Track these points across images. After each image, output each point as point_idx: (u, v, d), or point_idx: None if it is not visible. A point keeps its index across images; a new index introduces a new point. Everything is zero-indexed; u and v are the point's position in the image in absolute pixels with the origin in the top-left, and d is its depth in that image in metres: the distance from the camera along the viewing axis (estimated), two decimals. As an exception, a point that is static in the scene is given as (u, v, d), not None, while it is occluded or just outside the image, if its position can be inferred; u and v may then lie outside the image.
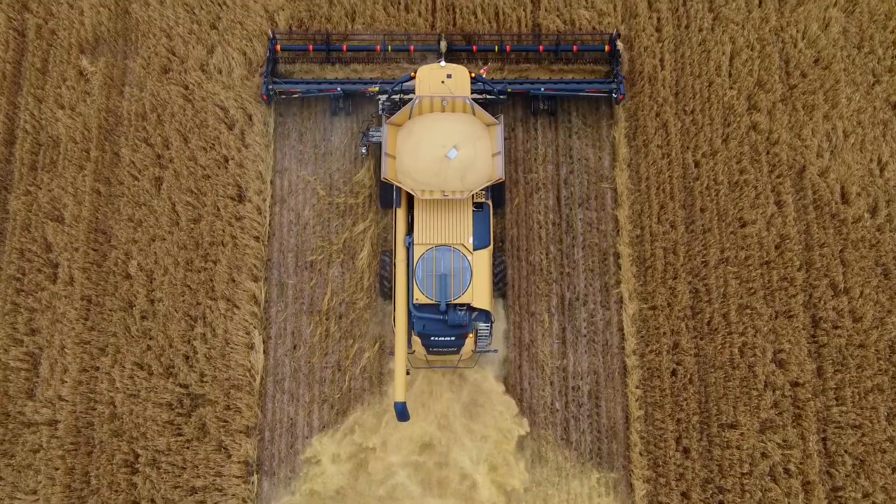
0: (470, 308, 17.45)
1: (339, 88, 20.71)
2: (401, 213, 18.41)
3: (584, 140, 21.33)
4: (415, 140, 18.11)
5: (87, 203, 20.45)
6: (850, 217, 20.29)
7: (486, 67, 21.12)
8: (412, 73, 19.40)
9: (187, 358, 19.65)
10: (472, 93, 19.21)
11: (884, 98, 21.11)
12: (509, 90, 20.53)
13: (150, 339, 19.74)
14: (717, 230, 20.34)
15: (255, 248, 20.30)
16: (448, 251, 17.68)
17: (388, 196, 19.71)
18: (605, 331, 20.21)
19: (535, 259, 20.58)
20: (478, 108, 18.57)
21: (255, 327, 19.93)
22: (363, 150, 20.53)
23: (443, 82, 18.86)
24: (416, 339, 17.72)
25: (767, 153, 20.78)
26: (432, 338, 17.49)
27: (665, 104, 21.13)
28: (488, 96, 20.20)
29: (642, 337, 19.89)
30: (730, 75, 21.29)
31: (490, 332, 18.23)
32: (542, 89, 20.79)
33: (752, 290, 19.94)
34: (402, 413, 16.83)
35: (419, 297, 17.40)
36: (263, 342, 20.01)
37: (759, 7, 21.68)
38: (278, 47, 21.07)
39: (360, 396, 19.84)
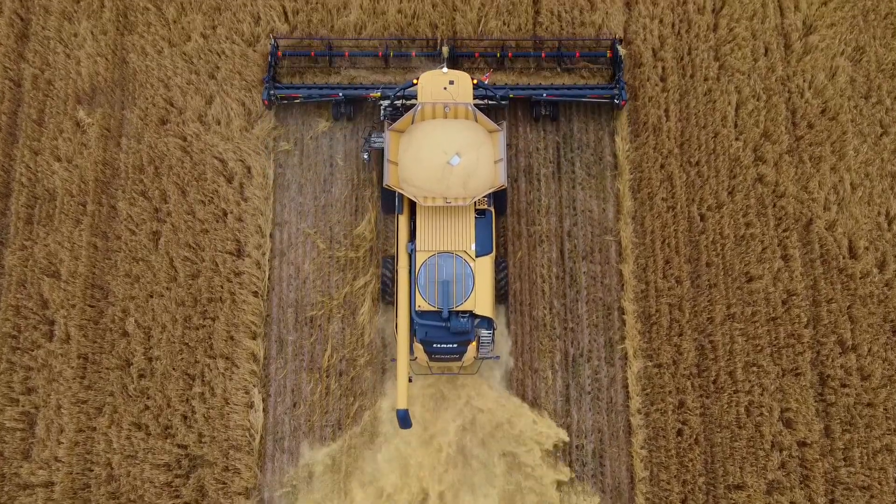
0: (472, 315, 17.56)
1: (340, 94, 20.59)
2: (403, 220, 18.46)
3: (587, 191, 21.04)
4: (417, 146, 18.18)
5: (84, 258, 20.15)
6: (857, 272, 20.00)
7: (488, 73, 21.04)
8: (414, 80, 19.42)
9: (185, 418, 19.35)
10: (474, 99, 19.23)
11: (892, 149, 20.82)
12: (511, 95, 20.56)
13: (148, 398, 19.44)
14: (724, 285, 20.05)
15: (254, 303, 19.99)
16: (450, 258, 17.72)
17: (390, 202, 19.66)
18: (609, 388, 19.90)
19: (538, 314, 20.27)
20: (480, 114, 18.62)
21: (254, 385, 19.62)
22: (365, 157, 20.43)
23: (445, 88, 18.92)
24: (419, 346, 17.73)
25: (774, 206, 20.49)
26: (434, 344, 17.52)
27: (670, 156, 20.84)
28: (490, 102, 20.19)
29: (647, 395, 19.58)
30: (735, 126, 21.01)
31: (492, 339, 18.22)
32: (545, 95, 20.70)
33: (759, 348, 19.65)
34: (404, 420, 16.88)
35: (421, 304, 17.46)
36: (263, 400, 19.70)
37: (765, 56, 21.40)
38: (280, 52, 20.94)
39: (360, 455, 19.52)
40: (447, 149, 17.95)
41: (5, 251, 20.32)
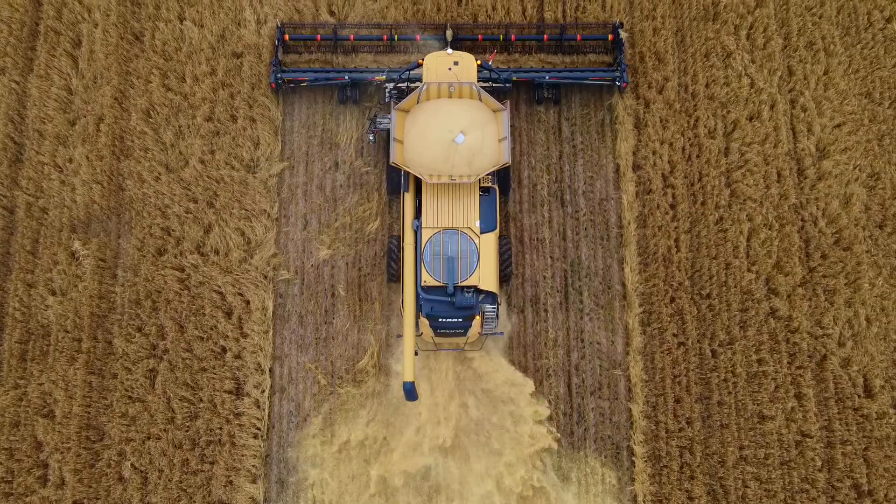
0: (477, 290, 17.86)
1: (346, 77, 20.83)
2: (409, 198, 18.76)
3: (595, 322, 20.50)
4: (423, 125, 18.47)
5: (79, 398, 19.61)
6: (873, 412, 19.48)
7: (492, 53, 21.17)
8: (419, 60, 19.63)
9: (183, 568, 18.85)
10: (478, 80, 19.37)
11: (908, 282, 20.33)
12: (514, 78, 20.75)
13: (145, 547, 18.94)
14: (735, 426, 19.52)
15: (254, 445, 19.46)
16: (455, 234, 18.02)
17: (395, 181, 19.82)
18: (618, 532, 19.40)
19: (545, 453, 19.76)
20: (484, 93, 18.87)
21: (254, 532, 19.12)
22: (371, 138, 20.54)
23: (449, 69, 19.14)
24: (424, 321, 17.94)
25: (787, 342, 19.97)
26: (440, 319, 17.78)
27: (680, 288, 20.31)
28: (494, 84, 20.34)
29: (657, 542, 19.08)
30: (747, 256, 20.47)
31: (496, 315, 18.37)
32: (547, 77, 20.97)
33: (772, 493, 19.13)
34: (410, 393, 17.16)
35: (427, 280, 17.76)
36: (263, 546, 19.22)
37: (777, 182, 20.86)
38: (286, 36, 21.16)
39: None
40: (452, 127, 18.32)
41: (-2, 390, 19.81)
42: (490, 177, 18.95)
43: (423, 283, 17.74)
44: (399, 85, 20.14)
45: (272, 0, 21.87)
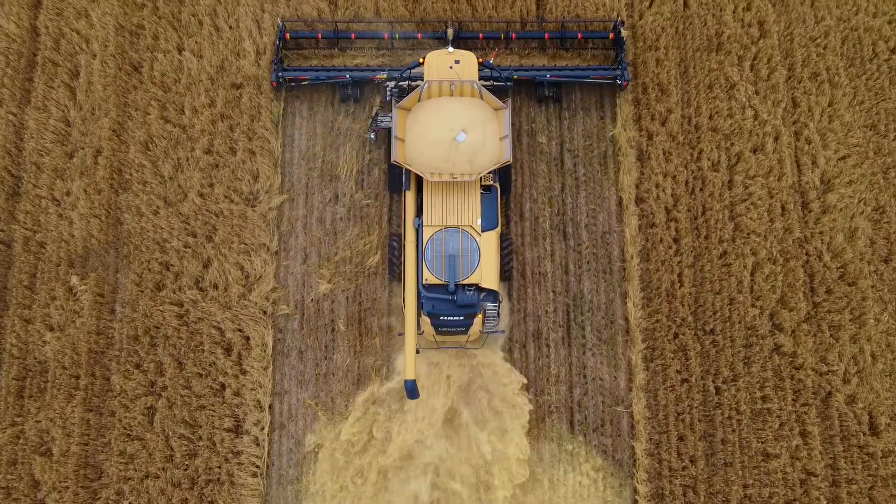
0: (478, 288, 17.86)
1: (347, 75, 20.89)
2: (410, 196, 18.79)
3: (598, 357, 20.31)
4: (424, 123, 18.46)
5: (77, 436, 19.42)
6: (879, 451, 19.29)
7: (494, 52, 21.23)
8: (420, 59, 19.67)
9: None
10: (479, 79, 19.31)
11: (914, 318, 20.12)
12: (515, 77, 20.79)
13: (143, 588, 18.75)
14: (739, 465, 19.33)
15: (253, 485, 19.27)
16: (457, 233, 18.02)
17: (396, 179, 19.77)
18: (621, 572, 19.22)
19: (547, 492, 19.56)
20: (486, 92, 18.88)
21: (253, 573, 18.94)
22: (371, 136, 20.59)
23: (451, 67, 19.22)
24: (426, 320, 17.94)
25: (792, 378, 19.77)
26: (441, 317, 17.82)
27: (683, 324, 20.12)
28: (496, 83, 20.29)
29: (661, 582, 18.89)
30: (751, 291, 20.27)
31: (498, 313, 18.35)
32: (548, 76, 21.01)
33: (777, 533, 18.96)
34: (411, 391, 17.09)
35: (428, 278, 17.77)
36: (262, 587, 19.03)
37: (781, 216, 20.65)
38: (287, 35, 21.19)
39: None
40: (453, 126, 18.31)
41: (-5, 428, 19.62)
42: (491, 175, 18.98)
43: (424, 282, 17.77)
44: (400, 83, 20.16)
45: (271, 30, 21.70)
